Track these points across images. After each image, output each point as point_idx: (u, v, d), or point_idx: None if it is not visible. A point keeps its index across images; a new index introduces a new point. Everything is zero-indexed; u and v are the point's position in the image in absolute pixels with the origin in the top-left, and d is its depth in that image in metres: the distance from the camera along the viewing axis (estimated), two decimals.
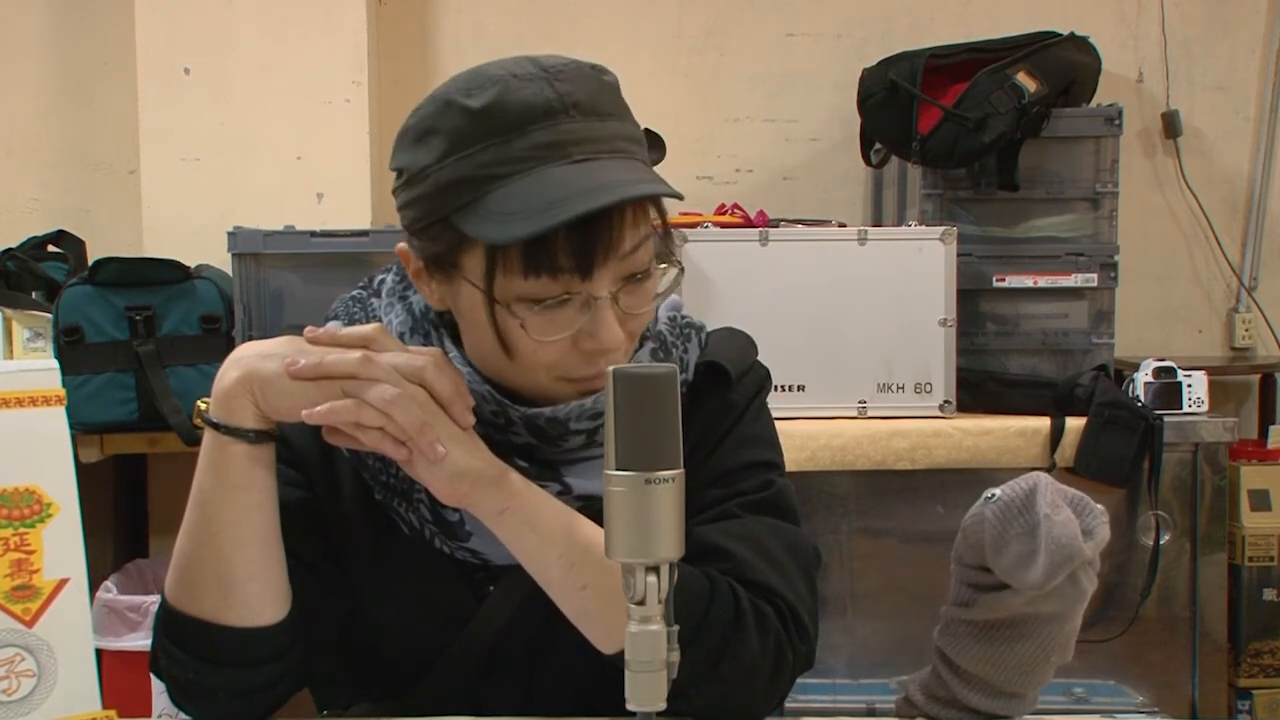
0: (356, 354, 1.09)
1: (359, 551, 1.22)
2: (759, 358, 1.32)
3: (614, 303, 1.10)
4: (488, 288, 1.08)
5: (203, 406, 1.12)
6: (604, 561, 0.90)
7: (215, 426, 1.10)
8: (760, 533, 1.20)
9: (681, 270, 1.16)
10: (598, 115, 1.09)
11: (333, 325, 1.17)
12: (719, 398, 1.25)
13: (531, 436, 1.16)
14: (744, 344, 1.31)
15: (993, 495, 1.13)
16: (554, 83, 1.08)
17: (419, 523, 1.18)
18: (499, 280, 1.08)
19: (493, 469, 1.11)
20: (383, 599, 1.22)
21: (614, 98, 1.12)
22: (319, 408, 1.07)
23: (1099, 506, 1.13)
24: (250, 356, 1.11)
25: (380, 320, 1.20)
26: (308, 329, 1.12)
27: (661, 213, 1.13)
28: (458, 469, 1.09)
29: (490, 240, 1.05)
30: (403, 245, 1.17)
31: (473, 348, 1.16)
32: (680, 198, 1.10)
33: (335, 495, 1.23)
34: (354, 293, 1.26)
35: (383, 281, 1.25)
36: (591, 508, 1.13)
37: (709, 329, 1.30)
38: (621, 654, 0.90)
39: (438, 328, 1.19)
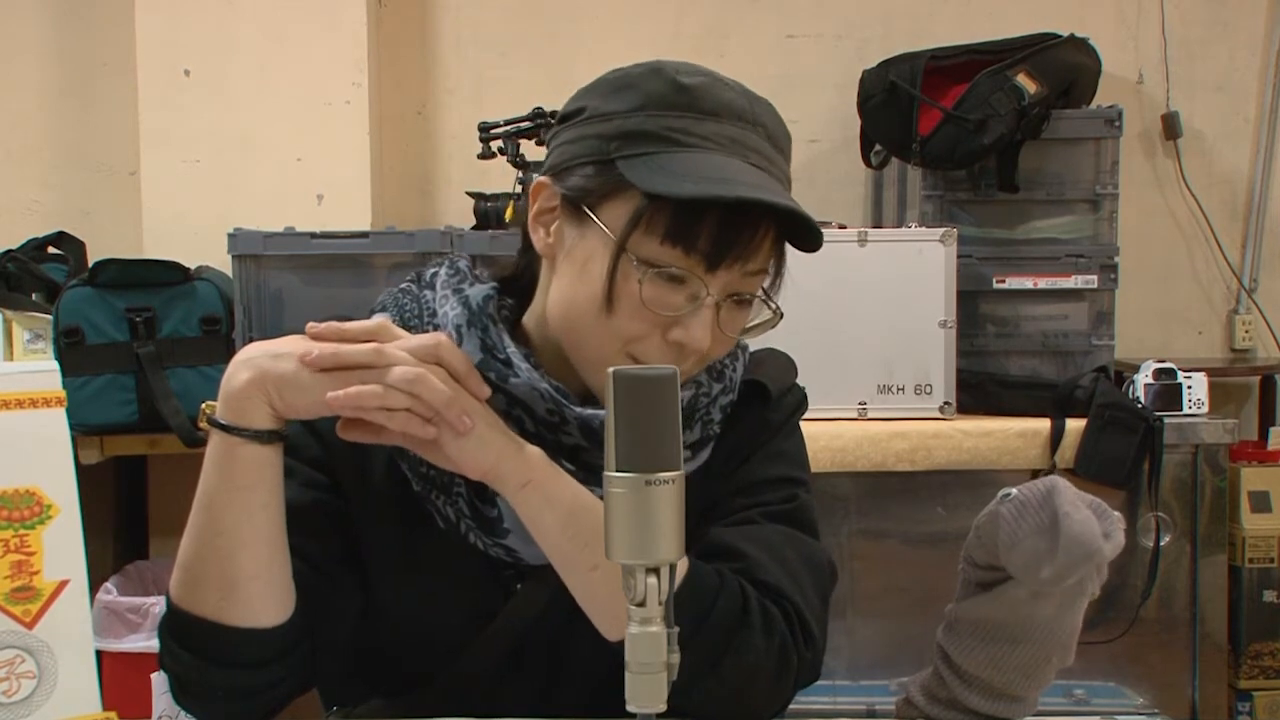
0: (369, 345, 1.09)
1: (387, 546, 1.22)
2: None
3: (716, 311, 1.13)
4: (625, 236, 1.10)
5: (209, 410, 1.12)
6: None
7: (226, 429, 1.10)
8: (776, 539, 1.21)
9: (779, 317, 1.19)
10: (775, 145, 1.17)
11: (379, 317, 1.18)
12: (757, 414, 1.27)
13: (582, 438, 1.16)
14: (785, 364, 1.35)
15: (1009, 493, 1.13)
16: (752, 102, 1.16)
17: (455, 517, 1.18)
18: (637, 234, 1.10)
19: (513, 442, 1.12)
20: (409, 594, 1.22)
21: (789, 144, 1.20)
22: (344, 391, 1.07)
23: (1116, 514, 1.14)
24: (260, 356, 1.10)
25: (435, 312, 1.21)
26: (309, 325, 1.12)
27: (782, 258, 1.17)
28: (484, 441, 1.10)
29: (656, 190, 1.08)
30: (542, 179, 1.18)
31: (564, 298, 1.16)
32: (819, 245, 1.13)
33: (365, 489, 1.23)
34: (403, 285, 1.26)
35: (435, 275, 1.25)
36: None
37: (751, 349, 1.32)
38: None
39: (495, 322, 1.19)
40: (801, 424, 1.34)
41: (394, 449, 1.19)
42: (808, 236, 1.13)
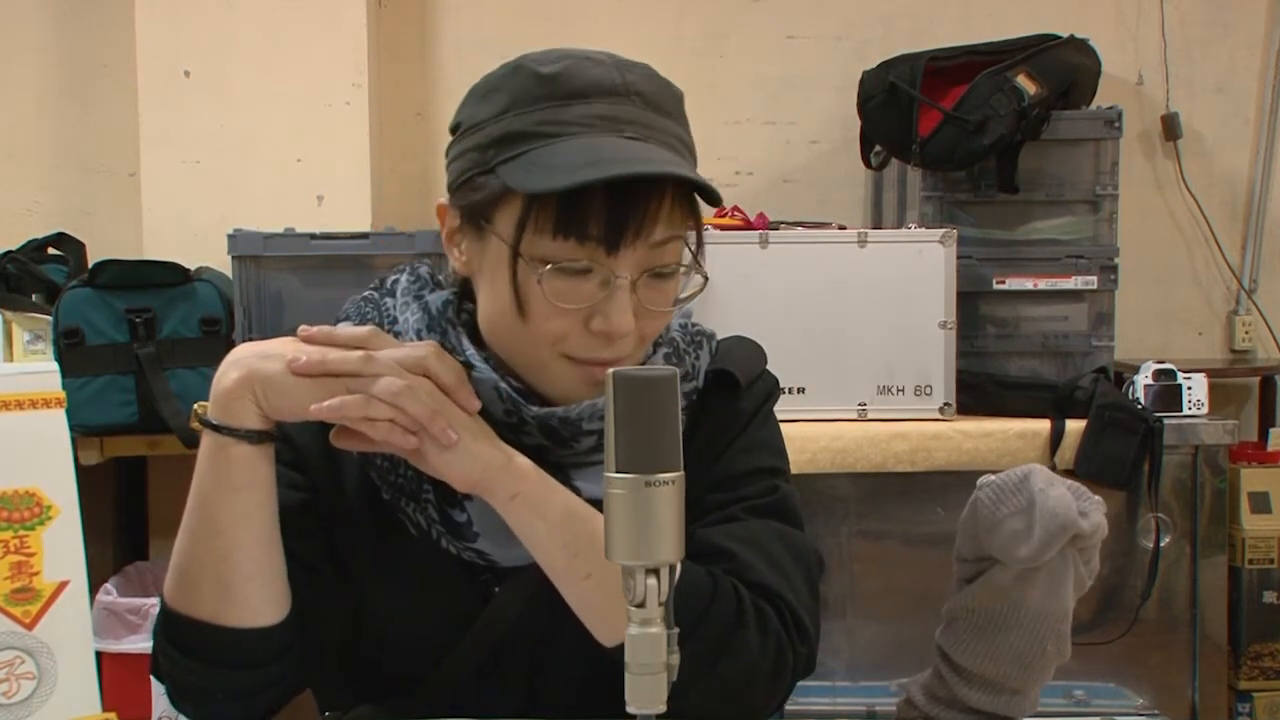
0: (358, 353, 1.10)
1: (364, 552, 1.22)
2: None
3: (633, 290, 1.11)
4: (516, 240, 1.10)
5: (201, 410, 1.12)
6: None
7: (216, 428, 1.10)
8: (763, 536, 1.20)
9: (706, 280, 1.17)
10: (656, 110, 1.13)
11: (343, 326, 1.18)
12: (728, 404, 1.26)
13: (543, 438, 1.16)
14: (753, 352, 1.32)
15: (987, 479, 1.14)
16: (624, 72, 1.13)
17: (426, 523, 1.18)
18: (528, 235, 1.09)
19: (502, 454, 1.12)
20: (388, 600, 1.22)
21: (676, 104, 1.16)
22: (328, 402, 1.08)
23: (1097, 498, 1.14)
24: (249, 357, 1.11)
25: (396, 319, 1.21)
26: (301, 328, 1.13)
27: (698, 219, 1.15)
28: (470, 454, 1.10)
29: (528, 189, 1.07)
30: (442, 201, 1.19)
31: (487, 314, 1.17)
32: (719, 202, 1.11)
33: (340, 496, 1.23)
34: (365, 293, 1.26)
35: (395, 282, 1.25)
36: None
37: (719, 337, 1.31)
38: (622, 647, 0.90)
39: (455, 326, 1.19)
40: (776, 412, 1.32)
41: (362, 458, 1.19)
42: (705, 193, 1.10)
